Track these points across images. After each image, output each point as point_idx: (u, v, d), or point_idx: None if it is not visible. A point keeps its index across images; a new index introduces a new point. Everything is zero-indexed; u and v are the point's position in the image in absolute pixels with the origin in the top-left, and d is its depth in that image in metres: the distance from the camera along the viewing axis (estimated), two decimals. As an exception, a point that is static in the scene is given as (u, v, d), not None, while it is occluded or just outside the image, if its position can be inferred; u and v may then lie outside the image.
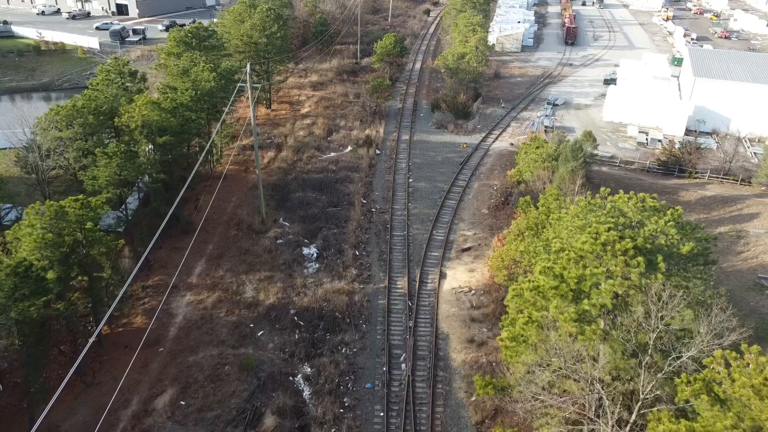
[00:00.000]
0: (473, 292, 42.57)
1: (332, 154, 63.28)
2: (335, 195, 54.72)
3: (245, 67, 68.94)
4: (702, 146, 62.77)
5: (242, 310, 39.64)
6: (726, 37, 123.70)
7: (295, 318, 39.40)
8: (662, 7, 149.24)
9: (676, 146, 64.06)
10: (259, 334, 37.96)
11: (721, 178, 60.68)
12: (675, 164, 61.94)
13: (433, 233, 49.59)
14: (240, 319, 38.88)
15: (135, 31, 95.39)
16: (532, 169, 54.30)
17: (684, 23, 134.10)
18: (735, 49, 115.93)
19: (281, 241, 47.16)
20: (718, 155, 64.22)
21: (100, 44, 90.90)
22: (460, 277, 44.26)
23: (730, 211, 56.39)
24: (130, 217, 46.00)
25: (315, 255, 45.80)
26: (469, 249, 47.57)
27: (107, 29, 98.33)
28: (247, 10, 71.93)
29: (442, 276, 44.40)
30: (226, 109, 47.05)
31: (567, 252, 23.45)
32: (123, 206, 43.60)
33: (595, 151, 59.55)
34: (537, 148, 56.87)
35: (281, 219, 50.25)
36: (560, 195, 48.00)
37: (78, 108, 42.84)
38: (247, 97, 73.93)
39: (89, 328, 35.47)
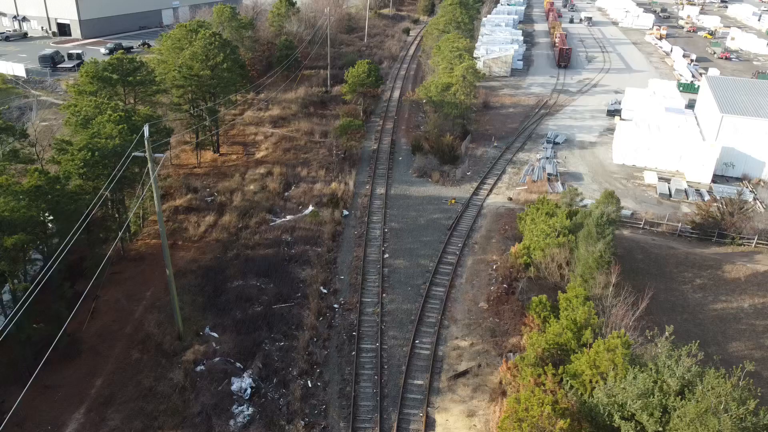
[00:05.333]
0: (475, 457, 28.20)
1: (288, 217, 48.67)
2: (286, 283, 40.10)
3: (178, 109, 54.44)
4: (748, 206, 49.10)
5: None
6: (727, 58, 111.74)
7: None
8: (654, 24, 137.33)
9: (713, 206, 50.33)
10: None
11: (773, 245, 47.30)
12: (713, 227, 48.34)
13: (415, 344, 35.22)
14: None
15: (71, 56, 79.94)
16: (542, 245, 40.28)
17: (678, 42, 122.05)
18: (738, 70, 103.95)
19: (202, 367, 32.39)
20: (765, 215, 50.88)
21: (27, 72, 75.38)
22: (456, 426, 29.87)
23: (793, 294, 42.91)
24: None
25: (248, 392, 31.13)
26: (465, 373, 33.22)
27: None
28: (188, 35, 57.17)
29: (429, 426, 29.96)
30: (110, 181, 32.11)
31: None
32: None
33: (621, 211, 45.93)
34: (546, 214, 42.92)
35: (207, 328, 35.47)
36: (588, 295, 34.12)
37: None
38: (189, 142, 59.41)
39: None
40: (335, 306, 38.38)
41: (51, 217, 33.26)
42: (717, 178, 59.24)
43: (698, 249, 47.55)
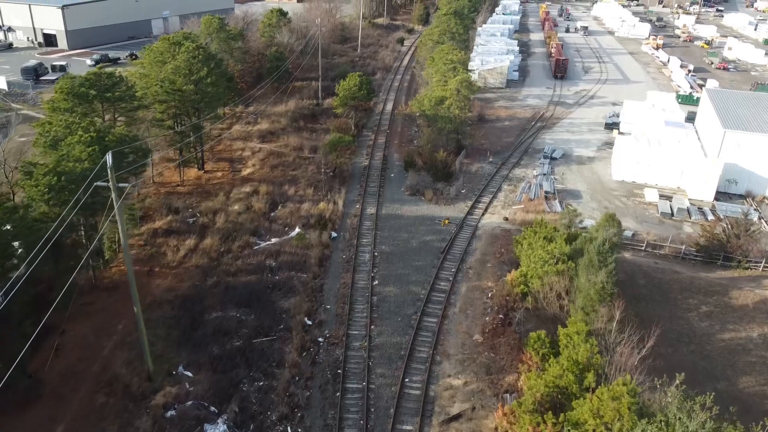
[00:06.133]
0: None
1: (273, 240, 46.08)
2: (268, 313, 37.50)
3: (158, 126, 51.97)
4: (755, 227, 46.69)
5: None
6: (724, 68, 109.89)
7: None
8: (650, 34, 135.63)
9: (719, 226, 47.99)
10: None
11: (781, 269, 44.92)
12: (719, 250, 45.94)
13: (404, 382, 32.60)
14: None
15: (54, 68, 77.41)
16: (540, 273, 37.77)
17: (675, 52, 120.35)
18: (736, 81, 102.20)
19: (173, 412, 29.71)
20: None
21: (9, 84, 72.82)
22: (447, 480, 27.28)
23: (805, 323, 40.44)
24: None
25: (222, 441, 28.50)
26: (458, 417, 30.61)
27: None
28: (170, 48, 54.71)
29: (419, 479, 27.37)
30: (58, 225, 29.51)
31: None
32: None
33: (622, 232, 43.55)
34: (544, 239, 40.40)
35: (181, 366, 32.80)
36: (591, 329, 31.70)
37: None
38: (173, 159, 56.80)
39: None
40: (320, 339, 35.75)
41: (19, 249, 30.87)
42: (720, 195, 56.92)
43: (703, 273, 45.12)
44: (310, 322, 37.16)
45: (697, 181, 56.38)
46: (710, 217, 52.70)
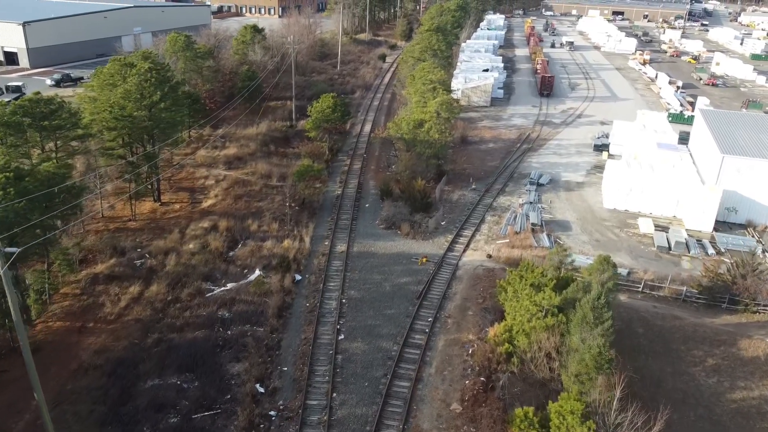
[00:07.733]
0: None
1: (229, 285, 40.61)
2: (215, 380, 32.00)
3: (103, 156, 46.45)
4: (763, 266, 41.87)
5: None
6: (713, 84, 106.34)
7: None
8: (636, 49, 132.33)
9: (723, 264, 43.22)
10: None
11: (793, 313, 40.15)
12: (723, 292, 41.13)
13: (369, 469, 27.27)
14: None
15: (9, 88, 71.78)
16: (527, 328, 32.71)
17: (662, 67, 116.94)
18: (726, 97, 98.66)
19: None
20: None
21: (-43, 107, 66.88)
22: None
23: (824, 379, 35.57)
24: None
25: None
26: None
27: None
28: (121, 70, 49.41)
29: None
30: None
31: None
32: None
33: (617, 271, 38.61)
34: (531, 286, 35.25)
35: (102, 454, 27.27)
36: (587, 401, 26.65)
37: None
38: (123, 191, 51.29)
39: None
40: (272, 414, 30.29)
41: None
42: (719, 225, 52.28)
43: (707, 318, 40.22)
44: (262, 390, 31.70)
45: (694, 209, 51.77)
46: (710, 250, 48.02)
